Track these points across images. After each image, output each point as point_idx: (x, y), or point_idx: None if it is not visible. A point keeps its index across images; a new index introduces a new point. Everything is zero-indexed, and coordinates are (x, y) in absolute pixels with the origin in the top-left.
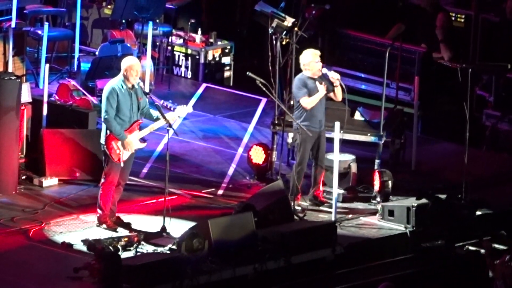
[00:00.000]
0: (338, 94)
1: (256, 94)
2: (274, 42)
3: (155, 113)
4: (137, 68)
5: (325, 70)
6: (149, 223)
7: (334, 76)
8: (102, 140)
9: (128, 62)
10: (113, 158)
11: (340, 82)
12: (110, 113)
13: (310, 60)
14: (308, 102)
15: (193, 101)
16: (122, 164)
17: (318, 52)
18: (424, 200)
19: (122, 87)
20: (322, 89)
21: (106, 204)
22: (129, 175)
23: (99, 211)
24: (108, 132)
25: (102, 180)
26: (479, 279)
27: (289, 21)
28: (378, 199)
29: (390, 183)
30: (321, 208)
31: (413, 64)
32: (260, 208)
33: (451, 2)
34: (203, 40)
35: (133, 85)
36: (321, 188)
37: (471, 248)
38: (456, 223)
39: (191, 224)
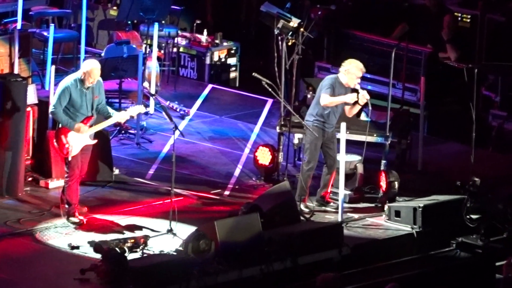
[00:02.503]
0: (353, 111)
1: (262, 95)
2: (279, 43)
3: (110, 110)
4: (95, 76)
5: (358, 86)
6: (155, 224)
7: (365, 95)
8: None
9: (89, 66)
10: (62, 152)
11: (368, 101)
12: (58, 108)
13: (355, 73)
14: (327, 99)
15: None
16: (69, 158)
17: (364, 70)
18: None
19: (77, 86)
20: (349, 97)
21: (73, 197)
22: (136, 177)
23: (66, 206)
24: (58, 126)
25: (66, 175)
26: (484, 281)
27: (294, 22)
28: (385, 199)
29: (396, 183)
30: (327, 209)
31: (419, 65)
32: (266, 209)
33: (457, 2)
34: (208, 41)
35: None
36: (329, 189)
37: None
38: (492, 217)
39: (198, 225)
